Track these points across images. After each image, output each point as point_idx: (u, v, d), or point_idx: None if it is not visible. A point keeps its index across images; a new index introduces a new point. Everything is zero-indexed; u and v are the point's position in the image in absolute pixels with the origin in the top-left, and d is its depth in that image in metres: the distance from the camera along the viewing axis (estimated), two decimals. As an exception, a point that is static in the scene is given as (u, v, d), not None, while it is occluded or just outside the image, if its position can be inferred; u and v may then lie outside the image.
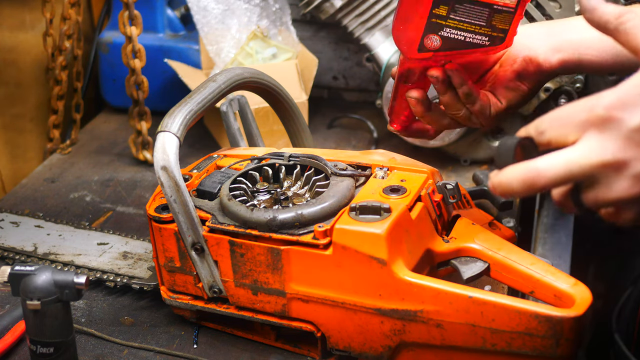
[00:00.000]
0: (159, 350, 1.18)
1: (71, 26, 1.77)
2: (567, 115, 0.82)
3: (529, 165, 0.82)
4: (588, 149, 0.80)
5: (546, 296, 1.04)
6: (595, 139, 0.80)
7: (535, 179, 0.82)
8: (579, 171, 0.81)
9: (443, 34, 1.07)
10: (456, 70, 1.11)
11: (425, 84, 1.16)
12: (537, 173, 0.82)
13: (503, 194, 0.85)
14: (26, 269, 1.04)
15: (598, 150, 0.80)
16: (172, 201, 1.10)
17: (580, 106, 0.82)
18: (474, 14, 1.06)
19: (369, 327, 1.08)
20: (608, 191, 0.81)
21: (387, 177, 1.15)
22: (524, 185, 0.82)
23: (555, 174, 0.81)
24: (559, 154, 0.81)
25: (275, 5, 1.84)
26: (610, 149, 0.79)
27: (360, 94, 2.03)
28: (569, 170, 0.81)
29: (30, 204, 1.62)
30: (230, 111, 1.35)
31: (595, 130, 0.80)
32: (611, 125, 0.79)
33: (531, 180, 0.82)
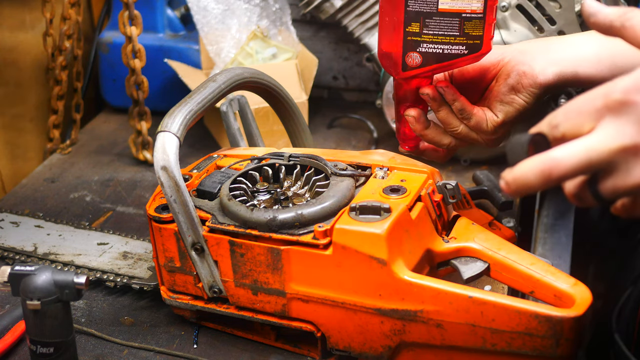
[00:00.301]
0: (159, 350, 1.18)
1: (71, 26, 1.77)
2: (581, 105, 0.80)
3: (544, 156, 0.79)
4: (606, 135, 0.77)
5: (546, 296, 1.04)
6: (613, 124, 0.77)
7: (553, 168, 0.79)
8: (597, 158, 0.78)
9: (422, 50, 1.11)
10: (447, 87, 1.15)
11: (423, 102, 1.19)
12: (554, 163, 0.78)
13: (519, 189, 0.81)
14: (26, 269, 1.04)
15: (617, 135, 0.77)
16: (172, 201, 1.10)
17: (594, 94, 0.80)
18: (445, 26, 1.09)
19: (369, 327, 1.08)
20: (628, 177, 0.78)
21: (387, 177, 1.15)
22: (542, 177, 0.79)
23: (573, 163, 0.78)
24: (576, 143, 0.79)
25: (275, 5, 1.84)
26: (629, 133, 0.77)
27: (360, 94, 2.03)
28: (587, 157, 0.78)
29: (30, 204, 1.62)
30: (230, 111, 1.35)
31: (612, 115, 0.78)
32: (629, 108, 0.77)
33: (549, 170, 0.79)
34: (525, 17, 1.55)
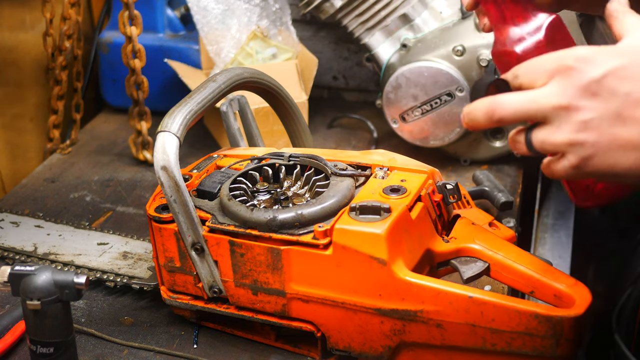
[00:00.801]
0: (159, 350, 1.18)
1: (71, 26, 1.77)
2: (540, 63, 0.89)
3: (492, 98, 0.90)
4: (549, 92, 0.87)
5: (546, 296, 1.04)
6: (558, 84, 0.87)
7: (496, 109, 0.89)
8: (535, 109, 0.87)
9: None
10: None
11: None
12: (497, 105, 0.89)
13: (469, 123, 0.92)
14: (26, 269, 1.04)
15: (557, 93, 0.86)
16: (172, 201, 1.10)
17: (553, 56, 0.89)
18: None
19: (369, 327, 1.08)
20: (556, 132, 0.87)
21: (387, 177, 1.15)
22: (485, 116, 0.90)
23: (513, 108, 0.88)
24: (522, 93, 0.89)
25: (275, 5, 1.84)
26: (568, 94, 0.86)
27: (360, 94, 2.03)
28: (526, 106, 0.88)
29: (30, 204, 1.62)
30: (230, 111, 1.35)
31: (560, 77, 0.87)
32: (574, 73, 0.86)
33: (492, 110, 0.89)
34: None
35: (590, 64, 0.86)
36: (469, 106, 0.92)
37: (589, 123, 0.86)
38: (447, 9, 1.66)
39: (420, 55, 1.62)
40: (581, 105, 0.85)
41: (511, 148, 0.94)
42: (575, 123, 0.86)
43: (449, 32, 1.62)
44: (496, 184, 1.52)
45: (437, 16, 1.67)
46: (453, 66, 1.59)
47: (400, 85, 1.62)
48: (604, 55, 0.86)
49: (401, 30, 1.69)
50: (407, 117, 1.64)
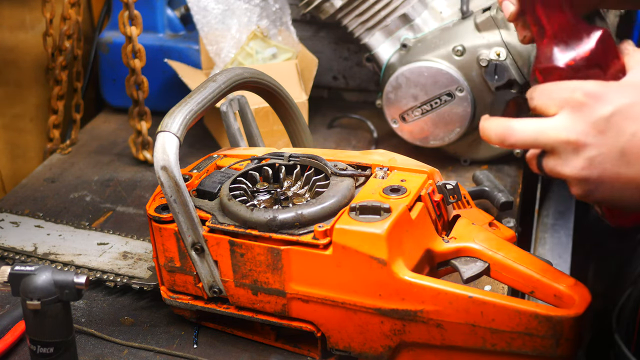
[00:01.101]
0: (159, 350, 1.18)
1: (71, 26, 1.77)
2: (553, 90, 0.92)
3: (506, 122, 0.93)
4: (559, 124, 0.90)
5: (546, 296, 1.04)
6: (568, 118, 0.90)
7: (508, 136, 0.93)
8: (545, 140, 0.91)
9: None
10: None
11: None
12: (510, 131, 0.93)
13: (484, 139, 0.96)
14: (26, 269, 1.04)
15: (566, 127, 0.90)
16: (172, 201, 1.10)
17: (566, 86, 0.92)
18: None
19: (369, 327, 1.08)
20: (563, 165, 0.91)
21: (387, 177, 1.15)
22: (498, 138, 0.94)
23: (524, 137, 0.92)
24: (534, 121, 0.92)
25: (275, 5, 1.84)
26: (576, 129, 0.89)
27: (360, 94, 2.03)
28: (537, 137, 0.91)
29: (30, 204, 1.62)
30: (230, 111, 1.35)
31: (570, 110, 0.90)
32: (584, 109, 0.89)
33: (504, 135, 0.93)
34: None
35: (600, 101, 0.88)
36: (483, 123, 0.96)
37: (594, 160, 0.89)
38: (447, 9, 1.66)
39: (420, 55, 1.62)
40: (588, 142, 0.89)
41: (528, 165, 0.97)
42: (581, 159, 0.89)
43: (449, 32, 1.62)
44: (496, 184, 1.52)
45: (437, 16, 1.67)
46: (453, 66, 1.59)
47: (400, 85, 1.62)
48: (613, 92, 0.89)
49: (401, 30, 1.69)
50: (407, 117, 1.64)
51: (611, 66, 0.97)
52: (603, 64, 0.96)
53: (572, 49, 0.98)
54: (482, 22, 1.58)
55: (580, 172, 0.90)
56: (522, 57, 1.54)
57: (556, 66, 0.98)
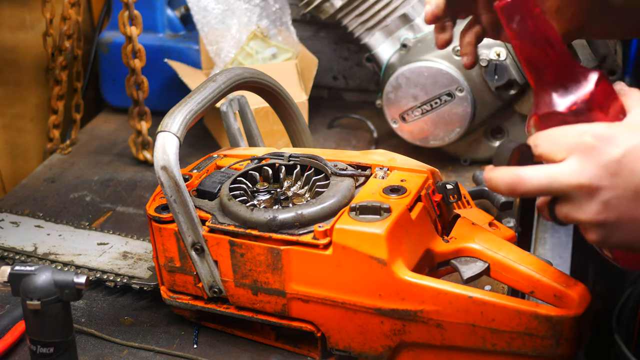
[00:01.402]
0: (159, 350, 1.18)
1: (71, 26, 1.77)
2: (559, 136, 0.90)
3: (515, 172, 0.90)
4: (569, 169, 0.88)
5: (546, 296, 1.04)
6: (578, 162, 0.88)
7: (518, 185, 0.90)
8: (557, 187, 0.89)
9: None
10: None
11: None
12: (520, 180, 0.90)
13: (490, 189, 0.93)
14: (26, 269, 1.04)
15: (578, 172, 0.87)
16: (172, 201, 1.10)
17: (572, 130, 0.90)
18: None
19: (369, 327, 1.08)
20: (578, 211, 0.89)
21: (387, 177, 1.15)
22: (508, 188, 0.91)
23: (535, 185, 0.89)
24: (543, 168, 0.89)
25: (275, 5, 1.84)
26: (588, 173, 0.87)
27: (360, 94, 2.02)
28: (548, 184, 0.89)
29: (30, 204, 1.61)
30: (230, 111, 1.35)
31: (580, 154, 0.88)
32: (594, 152, 0.87)
33: (514, 185, 0.90)
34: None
35: (610, 144, 0.87)
36: (492, 171, 0.92)
37: (609, 203, 0.87)
38: (447, 9, 1.66)
39: (420, 55, 1.62)
40: (602, 185, 0.87)
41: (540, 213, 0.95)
42: (596, 203, 0.88)
43: (449, 32, 1.62)
44: (496, 184, 1.51)
45: (437, 16, 1.67)
46: (453, 66, 1.59)
47: (400, 85, 1.62)
48: (622, 134, 0.88)
49: (401, 30, 1.69)
50: (407, 117, 1.64)
51: (611, 107, 0.95)
52: (604, 105, 0.95)
53: (572, 92, 0.96)
54: (482, 22, 1.57)
55: (597, 216, 0.88)
56: (522, 57, 1.54)
57: (557, 111, 0.95)
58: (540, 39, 0.95)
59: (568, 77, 0.96)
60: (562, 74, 0.96)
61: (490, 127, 1.67)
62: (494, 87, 1.58)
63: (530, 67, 0.97)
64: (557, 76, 0.96)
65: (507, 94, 1.59)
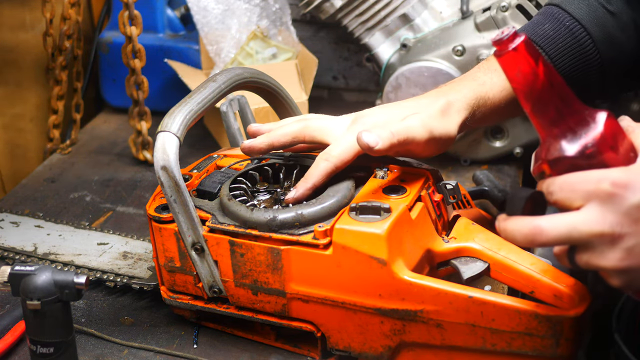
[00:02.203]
0: (159, 350, 1.18)
1: (71, 26, 1.77)
2: (576, 183, 0.89)
3: (533, 222, 0.88)
4: (589, 218, 0.87)
5: (546, 296, 1.04)
6: (598, 210, 0.86)
7: (537, 236, 0.88)
8: (577, 236, 0.87)
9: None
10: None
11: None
12: (539, 231, 0.88)
13: (506, 239, 0.91)
14: (26, 269, 1.04)
15: (598, 220, 0.86)
16: (172, 201, 1.10)
17: (589, 176, 0.88)
18: None
19: (369, 327, 1.08)
20: (600, 258, 0.87)
21: (387, 177, 1.15)
22: (526, 239, 0.89)
23: (555, 235, 0.88)
24: (562, 217, 0.88)
25: (275, 5, 1.84)
26: (609, 221, 0.86)
27: (360, 94, 2.02)
28: (568, 233, 0.87)
29: (30, 204, 1.62)
30: (230, 111, 1.35)
31: (599, 201, 0.87)
32: (614, 200, 0.86)
33: (533, 236, 0.88)
34: (525, 17, 1.55)
35: (629, 190, 0.86)
36: (506, 222, 0.90)
37: (632, 250, 0.86)
38: (447, 9, 1.66)
39: (420, 55, 1.62)
40: (624, 232, 0.86)
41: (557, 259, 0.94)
42: (619, 251, 0.86)
43: (449, 32, 1.62)
44: (496, 184, 1.52)
45: (437, 16, 1.67)
46: (453, 66, 1.59)
47: (400, 85, 1.62)
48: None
49: (401, 30, 1.69)
50: (407, 117, 1.64)
51: (621, 146, 0.93)
52: (614, 145, 0.92)
53: (581, 136, 0.92)
54: (482, 22, 1.58)
55: (620, 263, 0.87)
56: (522, 57, 1.54)
57: (568, 156, 0.92)
58: (545, 85, 0.92)
59: (576, 121, 0.93)
60: (570, 118, 0.93)
61: (490, 127, 1.67)
62: (494, 87, 1.58)
63: (536, 114, 0.94)
64: (565, 121, 0.93)
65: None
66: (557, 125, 0.93)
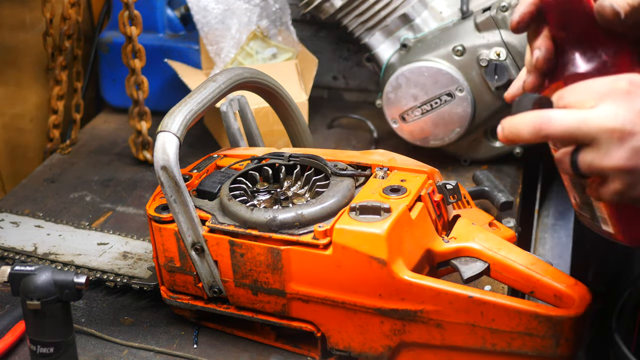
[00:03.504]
0: (159, 350, 1.18)
1: (71, 26, 1.77)
2: (590, 85, 0.87)
3: (542, 113, 0.86)
4: (601, 113, 0.84)
5: (546, 296, 1.04)
6: (611, 107, 0.84)
7: (544, 125, 0.85)
8: (586, 130, 0.84)
9: None
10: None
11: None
12: (547, 120, 0.85)
13: (510, 136, 0.88)
14: (26, 269, 1.04)
15: (610, 115, 0.84)
16: (172, 201, 1.10)
17: (605, 79, 0.86)
18: None
19: (369, 327, 1.08)
20: (605, 158, 0.85)
21: (387, 177, 1.15)
22: (533, 130, 0.86)
23: (564, 127, 0.85)
24: (573, 110, 0.86)
25: (275, 5, 1.84)
26: (622, 117, 0.83)
27: (360, 94, 2.03)
28: (577, 127, 0.84)
29: (30, 204, 1.62)
30: (230, 111, 1.35)
31: (613, 99, 0.84)
32: (629, 97, 0.84)
33: (540, 126, 0.86)
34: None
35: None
36: (511, 119, 0.88)
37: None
38: (447, 9, 1.66)
39: (420, 55, 1.62)
40: (635, 130, 0.83)
41: (557, 167, 0.91)
42: (625, 149, 0.84)
43: (449, 32, 1.62)
44: (496, 184, 1.52)
45: (437, 16, 1.67)
46: (453, 66, 1.59)
47: (400, 85, 1.62)
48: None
49: (401, 30, 1.69)
50: (407, 117, 1.64)
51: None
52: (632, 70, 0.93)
53: (600, 55, 0.95)
54: (482, 22, 1.58)
55: (626, 162, 0.83)
56: (522, 57, 1.54)
57: (585, 72, 0.94)
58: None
59: (597, 41, 0.95)
60: (592, 35, 0.95)
61: (490, 127, 1.67)
62: (494, 87, 1.58)
63: (561, 24, 0.95)
64: (587, 37, 0.95)
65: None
66: (578, 38, 0.95)
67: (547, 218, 1.74)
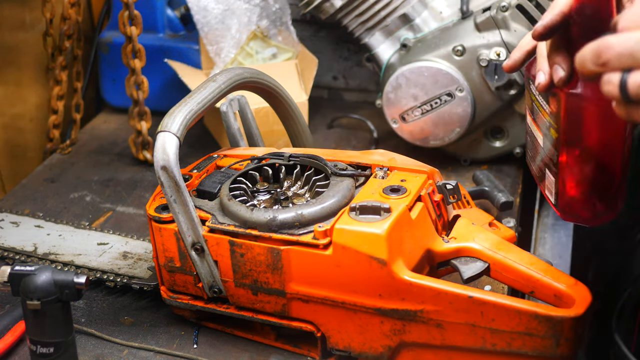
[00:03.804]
0: (159, 350, 1.18)
1: (71, 26, 1.77)
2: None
3: (599, 40, 0.86)
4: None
5: (546, 296, 1.04)
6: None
7: (604, 49, 0.85)
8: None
9: None
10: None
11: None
12: (606, 44, 0.85)
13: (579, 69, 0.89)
14: (26, 269, 1.04)
15: None
16: (172, 201, 1.10)
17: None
18: None
19: (369, 327, 1.08)
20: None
21: (387, 177, 1.15)
22: (593, 58, 0.86)
23: (623, 49, 0.84)
24: (630, 33, 0.85)
25: (275, 5, 1.84)
26: None
27: (360, 94, 2.03)
28: (633, 47, 0.83)
29: (30, 204, 1.62)
30: (230, 111, 1.35)
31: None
32: None
33: (599, 51, 0.85)
34: (525, 17, 1.55)
35: None
36: (578, 55, 0.89)
37: None
38: (447, 9, 1.66)
39: (420, 55, 1.62)
40: None
41: (602, 89, 0.88)
42: None
43: (449, 32, 1.62)
44: (496, 184, 1.52)
45: (437, 16, 1.67)
46: (453, 66, 1.59)
47: (400, 85, 1.62)
48: None
49: (401, 30, 1.69)
50: (407, 117, 1.64)
51: None
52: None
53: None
54: (482, 22, 1.58)
55: None
56: (522, 57, 1.54)
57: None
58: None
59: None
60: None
61: (490, 127, 1.67)
62: (494, 87, 1.58)
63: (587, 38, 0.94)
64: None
65: (507, 94, 1.59)
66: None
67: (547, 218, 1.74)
